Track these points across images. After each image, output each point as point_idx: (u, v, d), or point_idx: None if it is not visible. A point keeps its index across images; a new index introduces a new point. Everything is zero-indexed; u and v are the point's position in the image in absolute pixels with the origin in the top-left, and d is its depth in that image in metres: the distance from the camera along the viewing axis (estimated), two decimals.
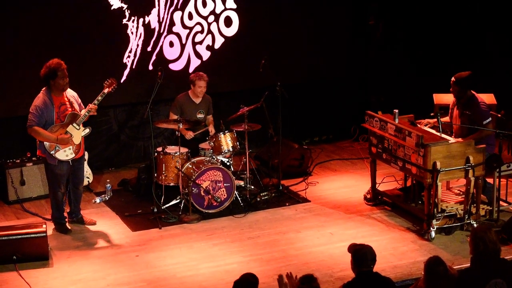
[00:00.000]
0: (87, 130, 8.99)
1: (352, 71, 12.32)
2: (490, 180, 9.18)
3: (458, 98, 9.08)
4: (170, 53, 11.12)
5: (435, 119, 9.04)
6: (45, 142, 8.76)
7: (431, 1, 12.25)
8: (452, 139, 8.81)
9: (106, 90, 9.01)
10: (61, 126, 8.80)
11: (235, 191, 9.67)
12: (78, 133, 8.88)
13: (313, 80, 12.15)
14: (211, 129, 10.30)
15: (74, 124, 8.83)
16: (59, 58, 8.83)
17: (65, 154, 8.83)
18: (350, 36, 12.22)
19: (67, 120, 8.81)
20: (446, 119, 9.41)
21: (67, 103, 8.86)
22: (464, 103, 9.04)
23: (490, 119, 8.99)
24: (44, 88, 8.81)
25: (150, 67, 11.00)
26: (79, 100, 9.06)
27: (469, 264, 6.52)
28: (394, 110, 9.21)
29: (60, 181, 8.96)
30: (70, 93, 8.96)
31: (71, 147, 8.84)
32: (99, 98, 8.92)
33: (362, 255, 6.25)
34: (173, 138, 10.21)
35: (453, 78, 9.04)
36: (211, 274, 8.13)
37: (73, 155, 8.88)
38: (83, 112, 8.89)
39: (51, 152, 8.77)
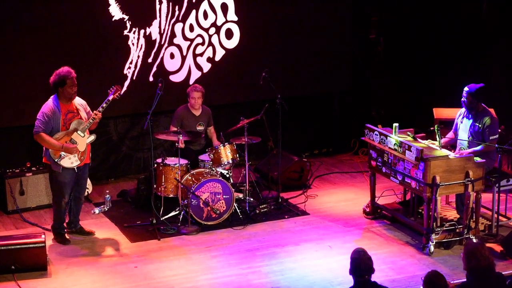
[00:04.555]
0: (92, 137, 9.00)
1: (352, 84, 12.33)
2: (489, 195, 9.18)
3: (470, 109, 9.04)
4: (170, 64, 11.14)
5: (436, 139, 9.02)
6: (50, 149, 8.78)
7: (432, 15, 12.28)
8: (452, 154, 8.82)
9: (111, 97, 9.03)
10: (66, 133, 8.82)
11: (234, 203, 9.67)
12: (83, 140, 8.90)
13: (314, 93, 12.17)
14: (217, 143, 10.28)
15: (79, 132, 8.86)
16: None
17: (70, 161, 8.85)
18: (351, 50, 12.25)
19: (72, 128, 8.84)
20: (451, 135, 9.39)
21: (75, 111, 8.90)
22: (474, 115, 9.03)
23: (497, 135, 9.00)
24: (53, 95, 8.85)
25: (151, 79, 11.02)
26: (88, 109, 9.10)
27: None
28: (394, 124, 9.22)
29: (64, 189, 8.96)
30: (79, 101, 9.01)
31: (76, 154, 8.86)
32: (104, 105, 8.95)
33: (355, 265, 6.26)
34: (173, 150, 10.21)
35: (466, 88, 9.00)
36: (209, 286, 8.12)
37: (78, 162, 8.90)
38: (89, 119, 8.91)
39: (56, 160, 8.79)
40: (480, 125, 8.96)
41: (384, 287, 6.30)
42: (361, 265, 6.26)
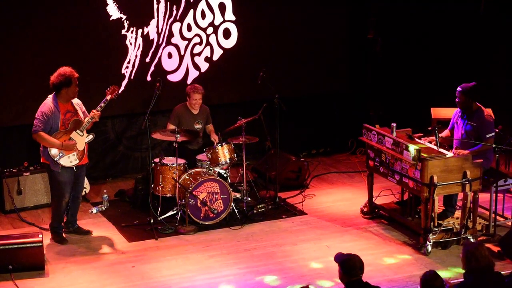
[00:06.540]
0: (91, 137, 9.01)
1: (350, 84, 12.33)
2: (487, 195, 9.18)
3: (464, 109, 9.05)
4: (168, 64, 11.13)
5: (434, 137, 9.02)
6: (49, 149, 8.78)
7: (430, 15, 12.28)
8: (449, 153, 8.82)
9: (108, 97, 9.04)
10: (65, 132, 8.83)
11: (232, 203, 9.67)
12: (81, 139, 8.90)
13: (311, 93, 12.16)
14: (214, 137, 10.30)
15: (78, 131, 8.86)
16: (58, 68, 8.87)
17: (69, 160, 8.85)
18: (349, 50, 12.25)
19: (70, 127, 8.84)
20: (446, 133, 9.41)
21: (73, 110, 8.91)
22: (469, 114, 9.03)
23: (493, 133, 9.00)
24: (51, 95, 8.84)
25: (149, 78, 11.02)
26: (83, 108, 9.10)
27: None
28: (392, 124, 9.22)
29: (65, 189, 8.96)
30: (75, 101, 9.01)
31: (75, 153, 8.87)
32: (102, 105, 8.96)
33: (351, 265, 6.25)
34: (171, 149, 10.20)
35: (459, 88, 9.00)
36: (207, 285, 8.12)
37: (77, 161, 8.90)
38: (87, 118, 8.92)
39: (55, 159, 8.78)
40: (474, 124, 8.96)
41: (376, 287, 6.30)
42: (356, 263, 6.25)
